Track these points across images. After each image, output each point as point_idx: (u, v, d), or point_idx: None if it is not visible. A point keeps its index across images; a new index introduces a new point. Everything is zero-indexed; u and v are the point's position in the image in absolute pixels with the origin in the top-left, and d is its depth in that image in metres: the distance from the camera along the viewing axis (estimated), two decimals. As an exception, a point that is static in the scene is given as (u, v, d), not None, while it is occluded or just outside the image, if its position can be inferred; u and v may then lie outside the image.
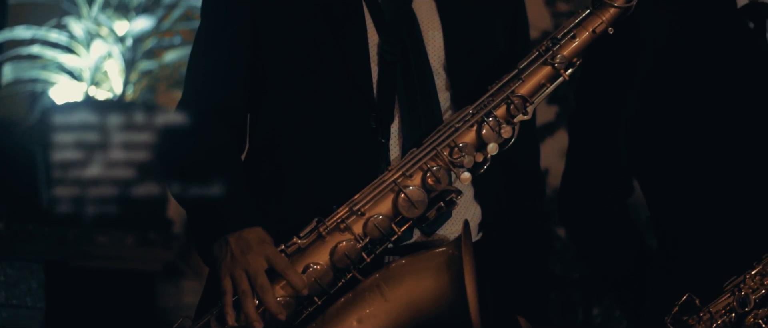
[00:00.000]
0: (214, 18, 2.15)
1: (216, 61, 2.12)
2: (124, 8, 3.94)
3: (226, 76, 2.10)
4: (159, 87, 4.16)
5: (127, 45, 3.99)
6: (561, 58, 1.96)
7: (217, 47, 2.12)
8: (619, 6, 1.98)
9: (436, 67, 2.09)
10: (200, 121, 2.09)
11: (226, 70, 2.10)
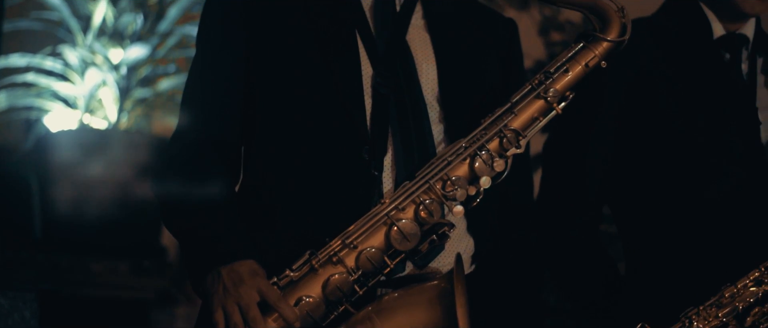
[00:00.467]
0: (210, 49, 2.16)
1: (211, 92, 2.12)
2: (119, 36, 3.95)
3: (221, 107, 2.10)
4: (154, 115, 4.16)
5: (122, 73, 3.99)
6: (554, 91, 1.96)
7: (212, 78, 2.12)
8: (611, 40, 1.98)
9: (430, 99, 2.10)
10: (195, 152, 2.08)
11: (221, 101, 2.10)
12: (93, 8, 3.91)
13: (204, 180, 2.04)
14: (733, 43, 2.44)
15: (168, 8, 4.05)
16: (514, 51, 2.31)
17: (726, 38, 2.44)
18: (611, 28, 1.99)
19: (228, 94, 2.10)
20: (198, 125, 2.11)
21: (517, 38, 2.34)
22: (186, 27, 4.04)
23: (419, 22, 2.18)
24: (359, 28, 2.09)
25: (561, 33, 3.63)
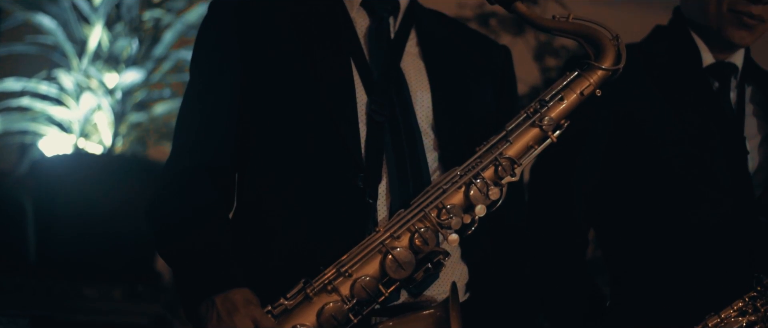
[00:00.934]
0: (204, 75, 2.15)
1: (205, 118, 2.11)
2: (114, 61, 3.95)
3: (215, 133, 2.10)
4: (149, 139, 4.15)
5: (117, 97, 3.99)
6: (549, 120, 1.96)
7: (207, 104, 2.12)
8: (606, 68, 1.98)
9: (424, 127, 2.09)
10: (188, 178, 2.07)
11: (215, 127, 2.10)
12: (88, 33, 3.91)
13: (198, 207, 2.03)
14: (722, 72, 2.45)
15: (163, 33, 4.05)
16: (507, 77, 2.32)
17: (715, 67, 2.46)
18: (606, 57, 1.99)
19: (222, 121, 2.09)
20: (192, 151, 2.10)
21: (511, 64, 2.34)
22: (181, 51, 4.04)
23: (414, 49, 2.18)
24: (354, 56, 2.09)
25: (556, 58, 3.64)
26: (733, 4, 2.38)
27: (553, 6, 3.62)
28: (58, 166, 4.11)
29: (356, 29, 2.15)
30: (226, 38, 2.11)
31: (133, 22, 3.94)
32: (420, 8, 2.27)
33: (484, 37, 2.41)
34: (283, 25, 2.12)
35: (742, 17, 2.38)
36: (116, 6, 3.93)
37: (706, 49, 2.47)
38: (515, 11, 2.02)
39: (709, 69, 2.46)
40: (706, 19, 2.43)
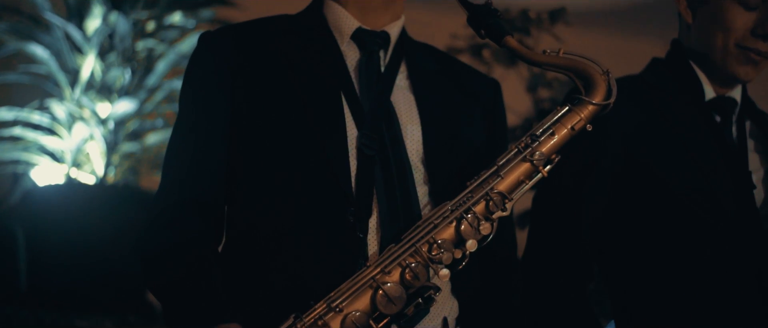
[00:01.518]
0: (193, 108, 2.14)
1: (194, 152, 2.10)
2: (106, 90, 3.94)
3: (203, 167, 2.09)
4: (141, 169, 4.14)
5: (110, 127, 3.98)
6: (540, 155, 1.95)
7: (195, 138, 2.11)
8: (597, 103, 1.98)
9: (415, 161, 2.09)
10: (177, 213, 2.06)
11: (204, 161, 2.09)
12: (81, 62, 3.90)
13: (187, 241, 2.01)
14: (723, 107, 2.46)
15: (156, 63, 4.05)
16: (498, 111, 2.32)
17: (717, 101, 2.46)
18: (597, 91, 1.98)
19: (211, 155, 2.08)
20: (181, 185, 2.09)
21: (501, 98, 2.34)
22: (174, 81, 4.04)
23: (404, 82, 2.18)
24: (344, 89, 2.09)
25: (549, 90, 3.64)
26: (741, 40, 2.39)
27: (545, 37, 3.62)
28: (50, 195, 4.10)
29: (346, 62, 2.15)
30: (215, 71, 2.11)
31: (126, 52, 3.94)
32: (410, 41, 2.27)
33: (474, 71, 2.41)
34: (273, 58, 2.12)
35: (750, 53, 2.40)
36: (109, 36, 3.94)
37: (708, 83, 2.48)
38: (505, 46, 2.02)
39: (711, 103, 2.46)
40: (711, 54, 2.44)
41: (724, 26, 2.41)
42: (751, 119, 2.51)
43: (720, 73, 2.45)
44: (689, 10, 2.52)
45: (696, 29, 2.50)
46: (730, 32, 2.40)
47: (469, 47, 3.79)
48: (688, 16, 2.52)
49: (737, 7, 2.40)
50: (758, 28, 2.38)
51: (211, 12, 4.15)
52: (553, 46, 2.04)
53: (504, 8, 3.80)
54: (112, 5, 3.94)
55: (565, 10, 3.67)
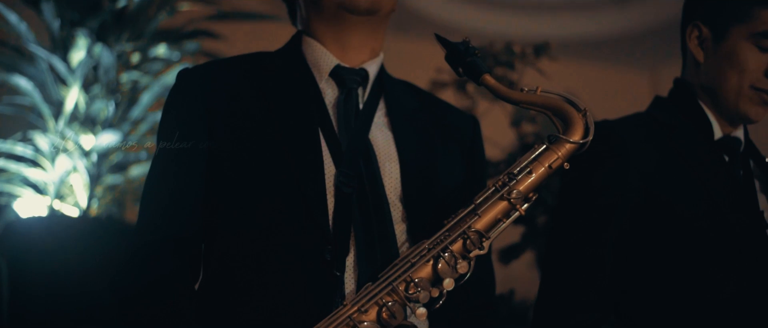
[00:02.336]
0: (170, 146, 2.14)
1: (170, 190, 2.09)
2: (90, 122, 3.92)
3: (180, 205, 2.07)
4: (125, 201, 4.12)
5: (93, 160, 3.96)
6: (517, 193, 1.95)
7: (172, 176, 2.10)
8: (574, 142, 1.97)
9: (393, 199, 2.08)
10: (153, 251, 2.05)
11: (180, 199, 2.08)
12: (65, 94, 3.89)
13: (161, 280, 2.01)
14: (731, 146, 2.47)
15: (140, 95, 4.04)
16: (476, 148, 2.32)
17: (725, 140, 2.47)
18: (574, 130, 1.98)
19: (188, 192, 2.07)
20: (157, 223, 2.08)
21: (480, 135, 2.34)
22: (158, 114, 4.01)
23: (382, 119, 2.18)
24: (322, 126, 2.09)
25: (533, 125, 3.63)
26: (756, 81, 2.42)
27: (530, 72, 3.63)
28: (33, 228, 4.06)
29: (325, 100, 2.15)
30: (193, 109, 2.10)
31: (111, 84, 3.93)
32: (389, 79, 2.27)
33: (453, 108, 2.42)
34: (252, 95, 2.12)
35: (763, 95, 2.43)
36: (93, 68, 3.92)
37: (716, 122, 2.49)
38: (483, 84, 2.02)
39: (719, 142, 2.48)
40: (724, 93, 2.47)
41: (739, 67, 2.43)
42: (754, 160, 2.53)
43: (730, 112, 2.47)
44: (700, 49, 2.53)
45: (707, 68, 2.51)
46: (744, 73, 2.43)
47: (453, 81, 3.79)
48: (700, 55, 2.53)
49: (752, 49, 2.43)
50: None
51: (196, 44, 4.14)
52: (538, 80, 2.05)
53: (488, 42, 3.83)
54: (96, 37, 3.92)
55: (549, 44, 3.67)
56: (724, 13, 2.49)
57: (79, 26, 3.91)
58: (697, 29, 2.54)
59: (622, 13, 8.58)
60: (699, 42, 2.54)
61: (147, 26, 4.07)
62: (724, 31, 2.48)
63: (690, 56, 2.57)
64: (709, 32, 2.51)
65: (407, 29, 6.01)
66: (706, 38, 2.52)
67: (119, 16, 4.03)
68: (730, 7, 2.48)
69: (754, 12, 2.44)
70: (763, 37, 2.42)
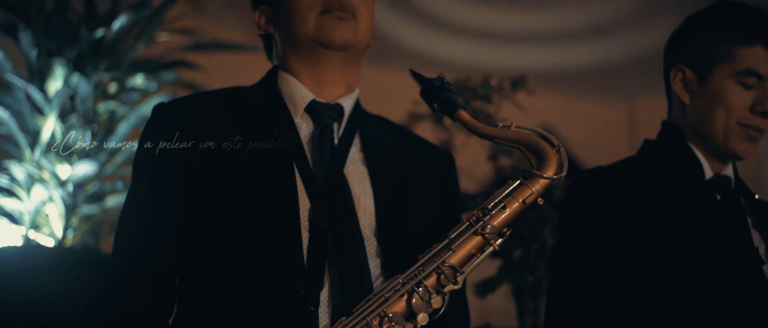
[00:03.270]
0: (145, 180, 2.14)
1: (144, 223, 2.09)
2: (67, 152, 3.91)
3: (154, 239, 2.07)
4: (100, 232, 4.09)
5: (69, 190, 3.94)
6: (491, 228, 1.95)
7: (146, 209, 2.10)
8: (548, 177, 1.99)
9: (367, 233, 2.08)
10: (127, 284, 2.04)
11: (154, 233, 2.07)
12: (42, 124, 3.87)
13: (135, 312, 2.00)
14: (722, 185, 2.49)
15: (117, 124, 4.03)
16: (451, 183, 2.33)
17: (716, 180, 2.49)
18: (548, 166, 1.99)
19: (162, 226, 2.07)
20: (131, 257, 2.07)
21: (454, 170, 2.36)
22: (135, 144, 4.00)
23: (357, 154, 2.19)
24: (297, 161, 2.09)
25: (510, 158, 3.64)
26: (742, 118, 2.45)
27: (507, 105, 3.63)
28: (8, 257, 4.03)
29: (300, 135, 2.15)
30: (167, 142, 2.10)
31: (88, 113, 3.91)
32: (364, 114, 2.28)
33: (428, 144, 2.43)
34: (227, 130, 2.12)
35: (750, 131, 2.45)
36: (70, 97, 3.91)
37: (706, 162, 2.51)
38: (458, 119, 2.03)
39: (710, 182, 2.50)
40: (712, 132, 2.49)
41: (725, 105, 2.46)
42: (744, 197, 2.55)
43: (720, 150, 2.50)
44: (686, 91, 2.56)
45: (694, 109, 2.54)
46: (731, 111, 2.46)
47: (430, 114, 3.79)
48: (686, 97, 2.56)
49: (736, 87, 2.46)
50: (757, 106, 2.45)
51: (174, 75, 4.13)
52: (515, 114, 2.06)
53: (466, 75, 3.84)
54: (74, 67, 3.91)
55: (526, 77, 3.69)
56: (706, 55, 2.52)
57: (56, 56, 3.90)
58: (680, 72, 2.57)
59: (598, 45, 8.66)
60: (684, 84, 2.57)
61: (124, 56, 4.06)
62: (707, 72, 2.51)
63: (676, 99, 2.60)
64: (692, 74, 2.54)
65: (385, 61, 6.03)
66: (691, 80, 2.54)
67: (97, 45, 4.03)
68: (712, 48, 2.51)
69: (735, 51, 2.47)
70: (745, 74, 2.45)
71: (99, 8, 4.11)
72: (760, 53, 2.48)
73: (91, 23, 4.05)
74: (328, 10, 2.19)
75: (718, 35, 2.52)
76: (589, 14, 8.45)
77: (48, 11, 3.91)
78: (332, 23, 2.18)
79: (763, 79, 2.46)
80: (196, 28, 4.33)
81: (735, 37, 2.49)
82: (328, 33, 2.17)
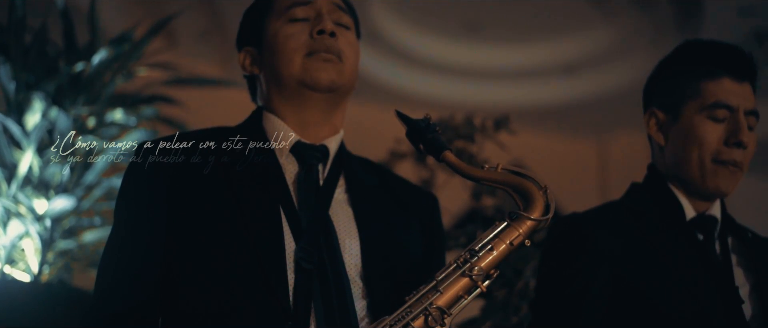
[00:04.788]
0: (128, 220, 2.12)
1: (128, 265, 2.07)
2: (44, 187, 3.87)
3: (138, 281, 2.05)
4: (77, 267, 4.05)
5: (46, 224, 3.90)
6: (479, 270, 1.95)
7: (130, 251, 2.08)
8: (535, 219, 1.98)
9: (353, 275, 2.07)
10: (109, 324, 2.02)
11: (139, 274, 2.05)
12: (19, 157, 3.83)
13: None
14: (705, 224, 2.49)
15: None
16: (435, 224, 2.33)
17: (698, 220, 2.49)
18: (535, 207, 1.99)
19: (146, 267, 2.05)
20: (114, 298, 2.05)
21: (438, 212, 2.36)
22: (113, 179, 3.97)
23: (342, 196, 2.18)
24: (282, 203, 2.08)
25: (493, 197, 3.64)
26: (717, 153, 2.46)
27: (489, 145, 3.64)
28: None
29: (285, 176, 2.14)
30: (152, 184, 2.09)
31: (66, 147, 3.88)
32: (349, 155, 2.28)
33: (412, 185, 2.43)
34: (212, 171, 2.10)
35: (727, 166, 2.45)
36: (49, 131, 3.88)
37: (687, 202, 2.51)
38: (444, 161, 2.03)
39: (692, 222, 2.49)
40: (689, 171, 2.50)
41: (698, 141, 2.48)
42: (733, 235, 2.54)
43: (700, 188, 2.50)
44: (660, 133, 2.58)
45: (669, 150, 2.55)
46: (703, 146, 2.47)
47: (412, 153, 3.79)
48: (661, 139, 2.57)
49: (706, 122, 2.47)
50: (731, 138, 2.45)
51: (153, 110, 4.11)
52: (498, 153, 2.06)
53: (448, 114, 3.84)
54: (52, 101, 3.89)
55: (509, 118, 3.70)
56: (676, 95, 2.54)
57: (34, 89, 3.87)
58: (654, 116, 2.60)
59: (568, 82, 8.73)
60: (658, 127, 2.58)
61: (103, 90, 4.04)
62: (678, 112, 2.53)
63: (654, 142, 2.62)
64: (664, 116, 2.56)
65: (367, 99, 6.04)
66: (664, 122, 2.56)
67: (76, 79, 4.00)
68: (681, 87, 2.53)
69: (702, 86, 2.50)
70: (713, 107, 2.46)
71: (78, 41, 4.09)
72: (728, 86, 2.50)
73: (70, 57, 4.03)
74: (314, 52, 2.20)
75: (686, 74, 2.55)
76: (559, 52, 8.53)
77: (26, 44, 3.88)
78: (318, 65, 2.18)
79: (735, 110, 2.48)
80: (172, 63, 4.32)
81: (701, 73, 2.52)
82: (314, 75, 2.18)
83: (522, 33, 8.19)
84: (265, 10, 2.32)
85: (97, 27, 4.16)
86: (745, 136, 2.45)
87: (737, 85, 2.51)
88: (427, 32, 8.24)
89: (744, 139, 2.44)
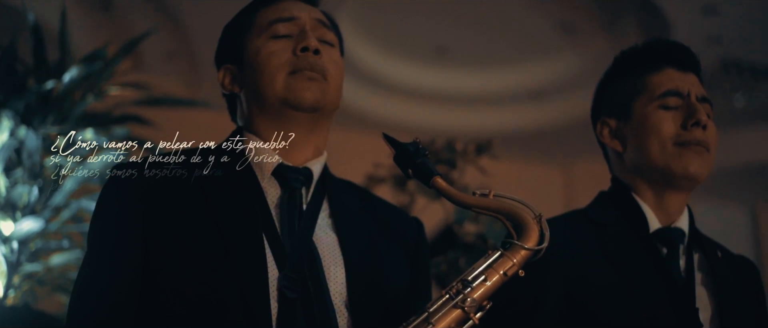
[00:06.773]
0: (102, 247, 2.03)
1: (105, 291, 1.97)
2: (11, 208, 3.78)
3: (115, 308, 1.96)
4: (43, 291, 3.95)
5: (12, 246, 3.80)
6: (471, 301, 1.87)
7: (108, 277, 1.98)
8: (529, 248, 1.92)
9: (338, 304, 2.00)
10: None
11: (114, 304, 1.95)
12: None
13: None
14: (670, 237, 2.41)
15: (64, 180, 3.90)
16: (421, 249, 2.27)
17: (663, 232, 2.42)
18: (529, 236, 1.93)
19: (123, 294, 1.96)
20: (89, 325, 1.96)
21: (424, 236, 2.29)
22: (82, 201, 3.88)
23: (326, 221, 2.11)
24: (265, 228, 2.00)
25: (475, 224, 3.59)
26: (677, 137, 2.39)
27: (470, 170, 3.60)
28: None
29: (267, 200, 2.07)
30: (129, 208, 2.01)
31: (34, 168, 3.79)
32: (332, 179, 2.21)
33: (396, 209, 2.38)
34: (190, 194, 2.03)
35: (690, 145, 2.38)
36: (16, 151, 3.79)
37: (652, 214, 2.44)
38: (434, 186, 1.97)
39: (656, 235, 2.42)
40: (654, 162, 2.42)
41: (654, 130, 2.41)
42: (701, 251, 2.47)
43: (669, 177, 2.41)
44: (616, 140, 2.53)
45: (629, 153, 2.49)
46: (662, 133, 2.40)
47: (391, 177, 3.74)
48: (617, 145, 2.52)
49: (659, 111, 2.42)
50: (688, 120, 2.39)
51: (124, 130, 4.03)
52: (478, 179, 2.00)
53: (430, 139, 3.80)
54: (21, 120, 3.80)
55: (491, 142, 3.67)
56: (621, 96, 2.51)
57: (2, 108, 3.78)
58: (605, 125, 2.56)
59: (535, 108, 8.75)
60: (612, 135, 2.54)
61: (73, 110, 3.95)
62: (628, 111, 2.49)
63: (612, 153, 2.57)
64: (616, 121, 2.53)
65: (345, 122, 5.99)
66: (616, 128, 2.52)
67: (45, 98, 3.92)
68: (626, 89, 2.50)
69: (646, 80, 2.47)
70: (663, 97, 2.43)
71: (48, 59, 4.01)
72: (672, 74, 2.47)
73: (39, 75, 3.95)
74: (297, 70, 2.12)
75: (628, 75, 2.52)
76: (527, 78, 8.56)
77: (-6, 62, 3.80)
78: (302, 84, 2.11)
79: (686, 96, 2.43)
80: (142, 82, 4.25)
81: (643, 70, 2.49)
82: (298, 94, 2.11)
83: (489, 58, 8.21)
84: (245, 26, 2.25)
85: (68, 45, 4.08)
86: (702, 116, 2.39)
87: (682, 73, 2.48)
88: (395, 57, 8.23)
89: (702, 118, 2.38)
